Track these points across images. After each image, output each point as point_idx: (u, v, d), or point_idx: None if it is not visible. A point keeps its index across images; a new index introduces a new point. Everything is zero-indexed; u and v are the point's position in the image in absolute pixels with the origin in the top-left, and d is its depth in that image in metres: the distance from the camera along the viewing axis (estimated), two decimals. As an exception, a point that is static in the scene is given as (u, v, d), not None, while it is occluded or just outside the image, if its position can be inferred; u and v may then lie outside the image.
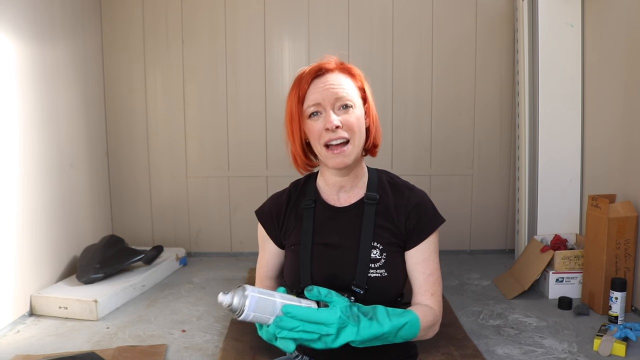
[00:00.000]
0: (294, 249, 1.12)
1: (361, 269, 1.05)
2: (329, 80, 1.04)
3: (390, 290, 1.08)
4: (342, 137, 1.03)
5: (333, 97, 1.02)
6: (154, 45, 3.48)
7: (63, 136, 2.95)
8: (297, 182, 1.20)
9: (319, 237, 1.10)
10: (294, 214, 1.14)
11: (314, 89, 1.04)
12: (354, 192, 1.13)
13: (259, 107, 3.52)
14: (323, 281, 1.07)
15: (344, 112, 1.03)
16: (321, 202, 1.13)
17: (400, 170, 3.43)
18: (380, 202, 1.10)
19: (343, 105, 1.03)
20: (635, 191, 2.45)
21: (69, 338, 2.28)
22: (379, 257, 1.06)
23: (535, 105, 3.01)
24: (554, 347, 2.11)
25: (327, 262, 1.08)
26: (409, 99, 3.52)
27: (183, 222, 3.63)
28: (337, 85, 1.04)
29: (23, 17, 2.56)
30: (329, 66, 1.06)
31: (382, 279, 1.05)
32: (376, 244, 1.07)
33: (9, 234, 2.44)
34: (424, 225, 1.09)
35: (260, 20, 3.46)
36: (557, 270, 2.67)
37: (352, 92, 1.05)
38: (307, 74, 1.05)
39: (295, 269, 1.10)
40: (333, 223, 1.11)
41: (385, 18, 3.46)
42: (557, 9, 2.90)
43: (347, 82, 1.06)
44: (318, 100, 1.03)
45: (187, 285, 3.01)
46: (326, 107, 1.03)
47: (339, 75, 1.06)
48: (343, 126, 1.02)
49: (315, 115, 1.04)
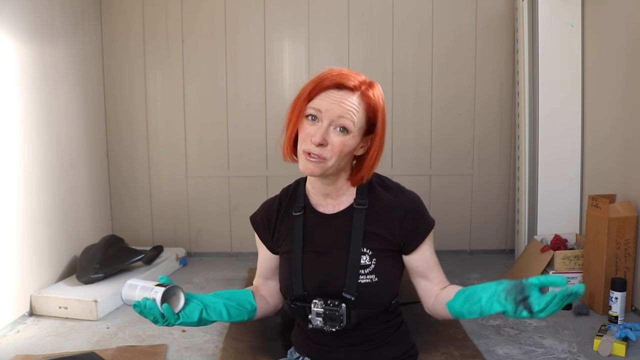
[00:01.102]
0: (286, 257, 1.13)
1: (351, 275, 1.05)
2: (343, 98, 1.01)
3: (382, 295, 1.08)
4: (319, 155, 1.01)
5: (336, 115, 1.00)
6: (154, 45, 3.48)
7: (63, 136, 2.95)
8: (288, 187, 1.20)
9: (309, 245, 1.10)
10: (286, 221, 1.15)
11: (325, 96, 1.01)
12: (342, 199, 1.12)
13: (259, 106, 3.52)
14: (315, 288, 1.08)
15: (337, 133, 1.01)
16: (310, 209, 1.13)
17: (400, 170, 3.44)
18: (370, 207, 1.09)
19: (341, 127, 1.01)
20: (635, 191, 2.45)
21: (69, 338, 2.28)
22: (368, 263, 1.06)
23: (535, 105, 3.01)
24: (554, 347, 2.11)
25: (317, 269, 1.09)
26: (408, 99, 3.52)
27: (183, 222, 3.63)
28: (347, 105, 1.00)
29: (23, 17, 2.56)
30: (351, 84, 1.02)
31: (373, 284, 1.05)
32: (366, 249, 1.07)
33: (9, 234, 2.44)
34: (420, 227, 1.09)
35: (260, 20, 3.46)
36: (557, 270, 2.67)
37: (357, 119, 1.02)
38: (329, 81, 1.02)
39: (288, 276, 1.11)
40: (323, 230, 1.11)
41: (385, 18, 3.46)
42: (557, 9, 2.89)
43: (358, 109, 1.02)
44: (322, 108, 1.01)
45: (187, 285, 3.01)
46: (324, 119, 1.01)
47: (355, 97, 1.02)
48: (328, 145, 1.00)
49: (312, 119, 1.02)
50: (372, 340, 1.12)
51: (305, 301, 1.08)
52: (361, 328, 1.09)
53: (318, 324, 1.06)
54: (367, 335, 1.11)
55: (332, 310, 1.04)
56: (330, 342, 1.12)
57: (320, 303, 1.05)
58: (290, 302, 1.11)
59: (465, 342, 2.15)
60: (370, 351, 1.12)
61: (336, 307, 1.04)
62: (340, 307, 1.04)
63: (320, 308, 1.05)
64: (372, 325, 1.11)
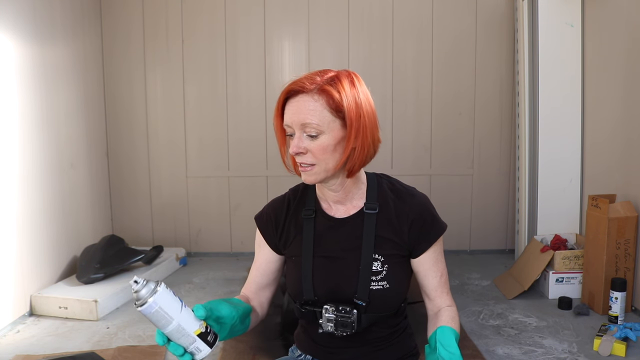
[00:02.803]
0: (295, 260, 1.11)
1: (363, 282, 1.04)
2: (300, 103, 0.99)
3: (393, 300, 1.08)
4: (304, 163, 1.00)
5: (299, 123, 0.99)
6: (154, 46, 3.48)
7: (63, 136, 2.95)
8: (297, 188, 1.17)
9: (319, 249, 1.09)
10: (294, 223, 1.13)
11: (287, 109, 1.01)
12: (352, 203, 1.10)
13: (259, 107, 3.52)
14: (325, 294, 1.07)
15: (309, 139, 1.00)
16: (321, 213, 1.11)
17: (400, 171, 3.44)
18: (380, 211, 1.08)
19: (309, 133, 0.99)
20: (635, 191, 2.45)
21: (69, 338, 2.28)
22: (380, 270, 1.05)
23: (535, 105, 3.01)
24: (554, 347, 2.11)
25: (328, 274, 1.07)
26: (409, 99, 3.52)
27: (183, 222, 3.63)
28: (303, 111, 0.98)
29: (23, 17, 2.56)
30: (304, 87, 0.99)
31: (384, 290, 1.05)
32: (377, 255, 1.06)
33: (9, 234, 2.44)
34: (429, 231, 1.08)
35: (260, 20, 3.46)
36: (557, 270, 2.67)
37: (320, 118, 0.98)
38: (282, 93, 1.02)
39: (297, 281, 1.09)
40: (334, 234, 1.09)
41: (385, 18, 3.46)
42: (557, 9, 2.89)
43: (316, 107, 0.98)
44: (288, 122, 1.01)
45: (187, 285, 3.01)
46: (295, 130, 1.00)
47: (310, 99, 0.98)
48: (307, 152, 1.00)
49: (291, 136, 1.02)
50: (378, 343, 1.11)
51: (316, 306, 1.07)
52: (369, 331, 1.09)
53: (329, 329, 1.05)
54: (373, 338, 1.11)
55: (345, 317, 1.03)
56: (336, 344, 1.11)
57: (332, 309, 1.04)
58: (300, 307, 1.10)
59: (465, 342, 2.15)
60: (376, 352, 1.12)
61: (348, 313, 1.03)
62: (352, 314, 1.03)
63: (332, 314, 1.04)
64: (380, 329, 1.10)
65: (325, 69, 1.05)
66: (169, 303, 0.86)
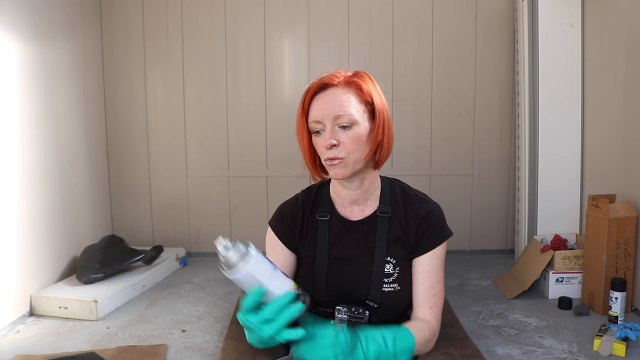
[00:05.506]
0: (308, 261, 1.12)
1: (375, 284, 1.06)
2: (330, 96, 1.01)
3: (402, 302, 1.10)
4: (337, 158, 1.01)
5: (332, 116, 1.00)
6: (154, 45, 3.48)
7: (63, 136, 2.95)
8: (309, 190, 1.18)
9: (334, 251, 1.11)
10: (310, 223, 1.14)
11: (315, 105, 1.02)
12: (367, 205, 1.12)
13: (259, 107, 3.52)
14: (338, 295, 1.08)
15: (342, 130, 1.01)
16: (336, 215, 1.13)
17: (400, 171, 3.44)
18: (392, 215, 1.10)
19: (343, 124, 1.01)
20: (635, 191, 2.45)
21: (69, 338, 2.28)
22: (392, 272, 1.08)
23: (535, 106, 3.01)
24: (554, 347, 2.11)
25: (342, 276, 1.09)
26: (409, 99, 3.52)
27: (183, 222, 3.63)
28: (336, 103, 1.00)
29: (22, 17, 2.56)
30: (332, 81, 1.03)
31: (396, 292, 1.07)
32: (390, 258, 1.08)
33: (9, 234, 2.44)
34: (431, 235, 1.09)
35: (260, 20, 3.46)
36: (557, 270, 2.67)
37: (354, 109, 1.01)
38: (310, 90, 1.03)
39: (310, 282, 1.10)
40: (348, 237, 1.11)
41: (385, 18, 3.46)
42: (557, 9, 2.90)
43: (349, 99, 1.01)
44: (318, 117, 1.02)
45: (187, 285, 3.01)
46: (326, 124, 1.01)
47: (341, 91, 1.02)
48: (340, 145, 1.01)
49: (318, 133, 1.03)
50: None
51: (328, 306, 1.09)
52: None
53: None
54: None
55: (357, 318, 1.05)
56: None
57: (345, 310, 1.05)
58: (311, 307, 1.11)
59: (465, 342, 2.15)
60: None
61: (360, 314, 1.05)
62: (364, 315, 1.05)
63: (344, 315, 1.05)
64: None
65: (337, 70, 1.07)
66: (258, 267, 0.80)
